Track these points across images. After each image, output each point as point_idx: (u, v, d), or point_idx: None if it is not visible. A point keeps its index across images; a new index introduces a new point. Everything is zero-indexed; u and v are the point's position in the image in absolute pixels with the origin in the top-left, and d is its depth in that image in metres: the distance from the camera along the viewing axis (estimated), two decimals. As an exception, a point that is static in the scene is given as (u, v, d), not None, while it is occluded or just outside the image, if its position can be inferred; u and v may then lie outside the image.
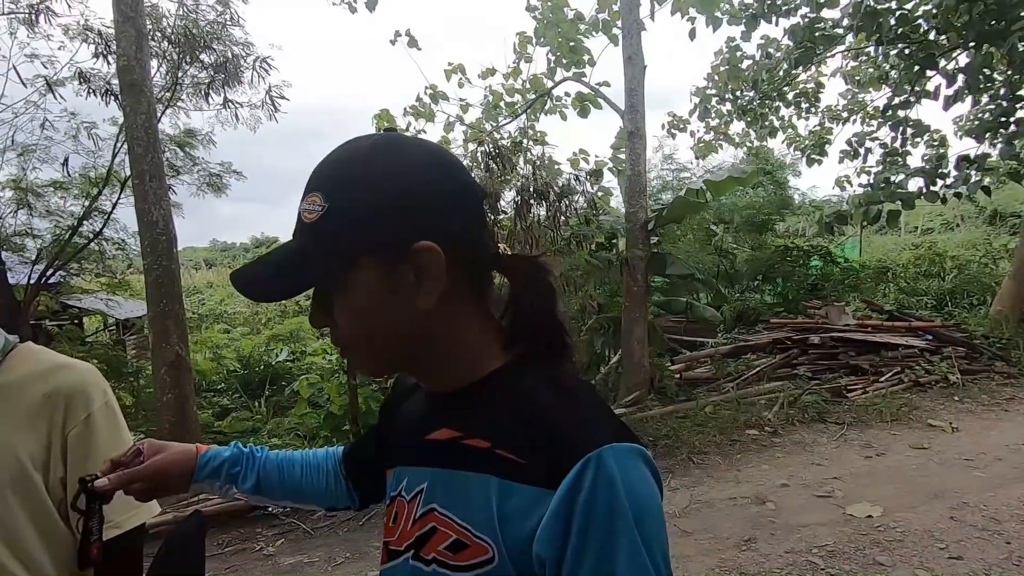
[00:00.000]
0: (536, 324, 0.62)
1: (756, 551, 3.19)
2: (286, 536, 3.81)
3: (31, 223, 6.28)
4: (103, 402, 1.02)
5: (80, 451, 0.97)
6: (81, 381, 1.00)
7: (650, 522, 0.50)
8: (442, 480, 0.60)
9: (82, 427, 0.98)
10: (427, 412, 0.66)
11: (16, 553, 0.93)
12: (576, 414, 0.55)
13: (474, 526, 0.55)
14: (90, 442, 0.98)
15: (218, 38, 5.98)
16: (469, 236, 0.60)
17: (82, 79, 6.13)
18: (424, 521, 0.60)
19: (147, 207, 4.40)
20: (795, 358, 6.53)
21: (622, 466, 0.50)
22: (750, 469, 4.35)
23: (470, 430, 0.59)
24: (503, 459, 0.55)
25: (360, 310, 0.58)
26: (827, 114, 9.85)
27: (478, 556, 0.54)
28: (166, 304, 4.43)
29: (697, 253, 8.84)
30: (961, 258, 11.22)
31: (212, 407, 6.86)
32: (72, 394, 0.98)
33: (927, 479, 3.94)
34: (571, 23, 6.85)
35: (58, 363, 1.02)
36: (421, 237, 0.56)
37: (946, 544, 3.09)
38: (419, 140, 0.62)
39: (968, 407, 5.35)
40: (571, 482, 0.50)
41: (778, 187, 11.80)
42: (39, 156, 6.19)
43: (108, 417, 1.02)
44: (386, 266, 0.57)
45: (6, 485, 0.93)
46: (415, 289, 0.57)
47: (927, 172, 7.08)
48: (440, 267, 0.56)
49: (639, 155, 5.81)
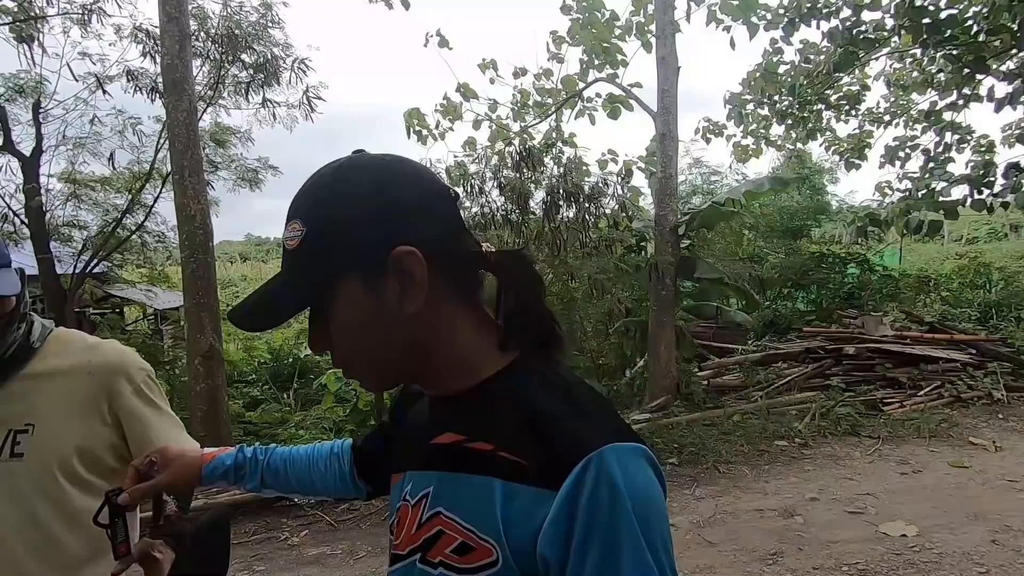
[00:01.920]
0: (526, 315, 0.62)
1: (783, 565, 3.11)
2: (310, 527, 3.88)
3: (78, 215, 6.54)
4: (144, 376, 1.10)
5: (134, 420, 1.05)
6: (119, 359, 1.08)
7: (653, 521, 0.50)
8: (448, 483, 0.61)
9: (128, 399, 1.05)
10: (432, 417, 0.67)
11: (66, 522, 1.00)
12: (577, 414, 0.55)
13: (479, 529, 0.55)
14: (142, 411, 1.06)
15: (259, 39, 6.13)
16: (446, 238, 0.61)
17: (130, 77, 6.36)
18: (430, 524, 0.60)
19: (186, 202, 4.54)
20: (828, 368, 6.34)
21: (624, 465, 0.51)
22: (778, 481, 4.24)
23: (474, 433, 0.60)
24: (506, 461, 0.55)
25: (352, 326, 0.60)
26: (867, 117, 9.54)
27: (483, 559, 0.54)
28: (202, 296, 4.57)
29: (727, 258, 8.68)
30: (1009, 269, 10.74)
31: (243, 398, 7.03)
32: (113, 370, 1.05)
33: (967, 499, 3.78)
34: (606, 24, 6.80)
35: (91, 343, 1.09)
36: (398, 244, 0.57)
37: (987, 568, 2.96)
38: (382, 155, 0.64)
39: (1013, 425, 5.12)
40: (573, 482, 0.50)
41: (815, 192, 11.49)
42: (88, 151, 6.45)
43: (151, 388, 1.10)
44: (369, 278, 0.58)
45: (55, 462, 0.99)
46: (401, 296, 0.58)
47: (973, 180, 6.80)
48: (422, 269, 0.57)
49: (671, 158, 5.74)
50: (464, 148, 7.25)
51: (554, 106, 7.28)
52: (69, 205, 6.59)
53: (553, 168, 6.18)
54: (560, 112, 7.31)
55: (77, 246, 6.63)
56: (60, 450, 1.00)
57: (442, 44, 6.80)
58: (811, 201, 11.23)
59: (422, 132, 7.44)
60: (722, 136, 9.41)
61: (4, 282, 0.95)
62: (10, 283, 0.96)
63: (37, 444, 0.98)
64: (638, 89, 6.61)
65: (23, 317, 1.02)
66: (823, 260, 9.86)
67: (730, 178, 11.23)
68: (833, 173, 13.39)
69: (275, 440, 5.69)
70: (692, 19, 6.89)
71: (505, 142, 6.61)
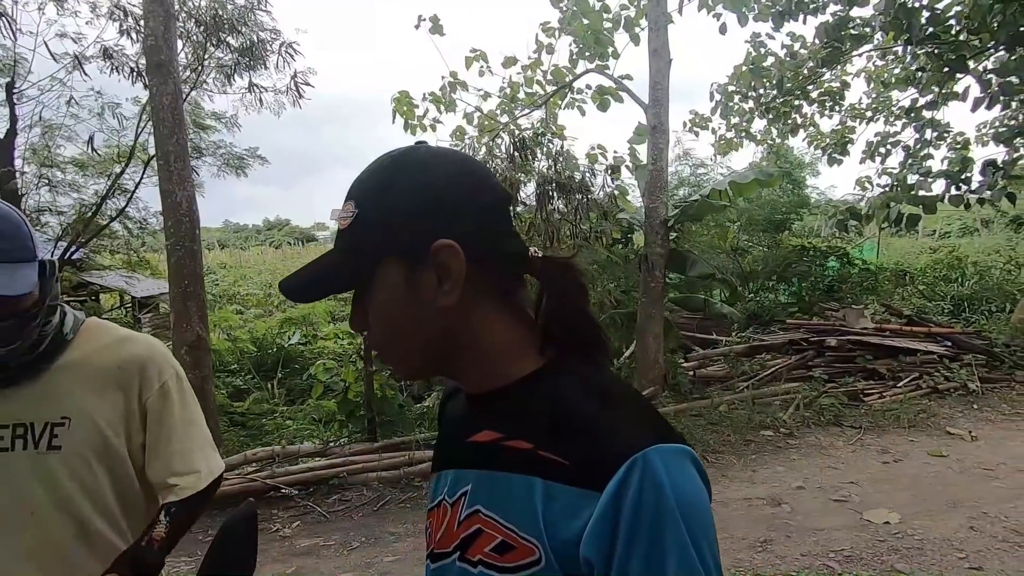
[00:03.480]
0: (569, 324, 0.62)
1: (772, 553, 3.19)
2: (302, 519, 3.85)
3: (55, 200, 6.32)
4: (173, 372, 1.09)
5: (157, 417, 1.05)
6: (150, 353, 1.07)
7: (699, 522, 0.50)
8: (486, 482, 0.60)
9: (157, 395, 1.05)
10: (469, 414, 0.67)
11: (102, 514, 1.03)
12: (620, 415, 0.55)
13: (520, 527, 0.55)
14: (164, 409, 1.06)
15: (245, 23, 5.96)
16: (490, 237, 0.62)
17: (107, 56, 6.13)
18: (469, 523, 0.60)
19: (171, 188, 4.44)
20: (811, 360, 6.48)
21: (668, 467, 0.50)
22: (765, 470, 4.33)
23: (512, 432, 0.59)
24: (546, 460, 0.55)
25: (387, 310, 0.61)
26: (850, 113, 9.70)
27: (525, 557, 0.54)
28: (188, 285, 4.47)
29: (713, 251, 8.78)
30: (982, 264, 11.05)
31: (227, 388, 6.93)
32: (145, 365, 1.05)
33: (945, 487, 3.91)
34: (597, 14, 6.77)
35: (123, 336, 1.09)
36: (441, 237, 0.58)
37: (966, 553, 3.07)
38: (446, 149, 0.65)
39: (987, 416, 5.30)
40: (618, 484, 0.50)
41: (796, 186, 11.66)
42: (64, 134, 6.22)
43: (179, 386, 1.09)
44: (409, 265, 0.59)
45: (91, 454, 1.01)
46: (437, 288, 0.59)
47: (951, 175, 6.96)
48: (460, 265, 0.58)
49: (661, 150, 5.76)
50: (452, 138, 7.19)
51: (544, 97, 7.25)
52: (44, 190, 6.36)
53: (543, 159, 6.16)
54: (550, 103, 7.28)
55: (53, 231, 6.41)
56: (95, 443, 1.01)
57: (434, 30, 6.70)
58: (793, 195, 11.39)
59: (409, 121, 7.35)
60: (707, 129, 9.51)
61: (17, 281, 0.93)
62: (24, 282, 0.94)
63: (74, 437, 0.99)
64: (628, 82, 6.62)
65: (52, 310, 1.02)
66: (804, 253, 10.04)
67: (715, 172, 11.33)
68: (814, 167, 13.59)
69: (262, 431, 5.62)
70: (683, 12, 6.87)
71: (492, 133, 6.56)
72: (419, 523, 3.71)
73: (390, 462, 4.37)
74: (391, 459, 4.40)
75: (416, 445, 4.58)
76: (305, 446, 4.76)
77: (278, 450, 4.59)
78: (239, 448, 4.98)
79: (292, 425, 5.71)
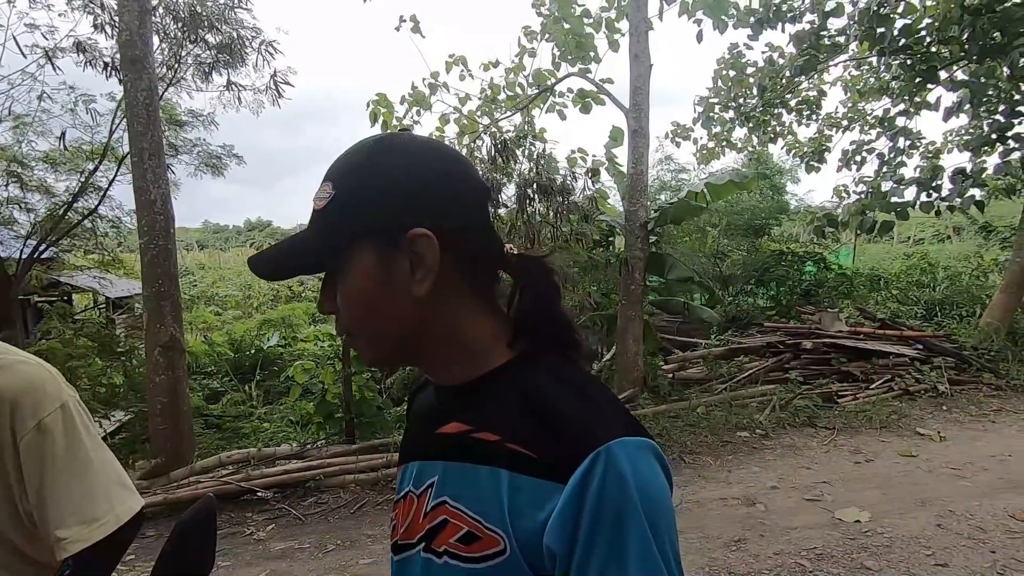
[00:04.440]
0: (542, 321, 0.62)
1: (746, 552, 3.22)
2: (276, 521, 3.80)
3: (25, 197, 6.17)
4: (58, 405, 0.92)
5: (36, 461, 0.88)
6: (26, 385, 0.90)
7: (660, 515, 0.51)
8: (453, 473, 0.61)
9: (33, 435, 0.88)
10: (437, 406, 0.67)
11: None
12: (586, 408, 0.55)
13: (485, 518, 0.55)
14: (44, 450, 0.89)
15: (225, 20, 5.89)
16: (469, 230, 0.61)
17: (80, 50, 6.02)
18: (435, 514, 0.60)
19: (145, 186, 4.35)
20: (787, 362, 6.58)
21: (632, 460, 0.51)
22: (741, 471, 4.38)
23: (480, 424, 0.60)
24: (513, 452, 0.55)
25: (357, 295, 0.60)
26: (826, 122, 9.91)
27: (490, 548, 0.55)
28: (162, 284, 4.39)
29: (693, 254, 8.88)
30: (952, 269, 11.34)
31: (203, 390, 6.82)
32: (17, 399, 0.88)
33: (915, 486, 3.99)
34: (578, 18, 6.82)
35: (5, 363, 0.92)
36: (417, 225, 0.57)
37: (933, 551, 3.14)
38: (429, 138, 0.65)
39: (956, 417, 5.43)
40: (581, 476, 0.50)
41: (776, 192, 11.86)
42: (35, 129, 6.09)
43: (67, 422, 0.92)
44: (382, 250, 0.59)
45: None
46: (409, 276, 0.58)
47: (922, 183, 7.15)
48: (434, 255, 0.58)
49: (642, 154, 5.81)
50: (431, 138, 7.16)
51: (525, 100, 7.28)
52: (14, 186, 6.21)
53: (524, 162, 6.18)
54: (530, 106, 7.31)
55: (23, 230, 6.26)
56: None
57: (415, 30, 6.69)
58: (772, 201, 11.58)
59: (388, 122, 7.33)
60: (689, 139, 9.65)
61: None
62: None
63: None
64: (609, 85, 6.67)
65: None
66: (782, 258, 10.21)
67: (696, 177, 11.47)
68: (794, 173, 13.84)
69: (238, 433, 5.54)
70: (663, 17, 6.96)
71: (473, 136, 6.57)
72: (396, 525, 3.68)
73: (368, 464, 4.33)
74: (369, 461, 4.36)
75: (395, 447, 4.55)
76: (282, 448, 4.70)
77: (253, 452, 4.53)
78: (214, 451, 4.90)
79: (269, 427, 5.65)
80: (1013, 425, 5.17)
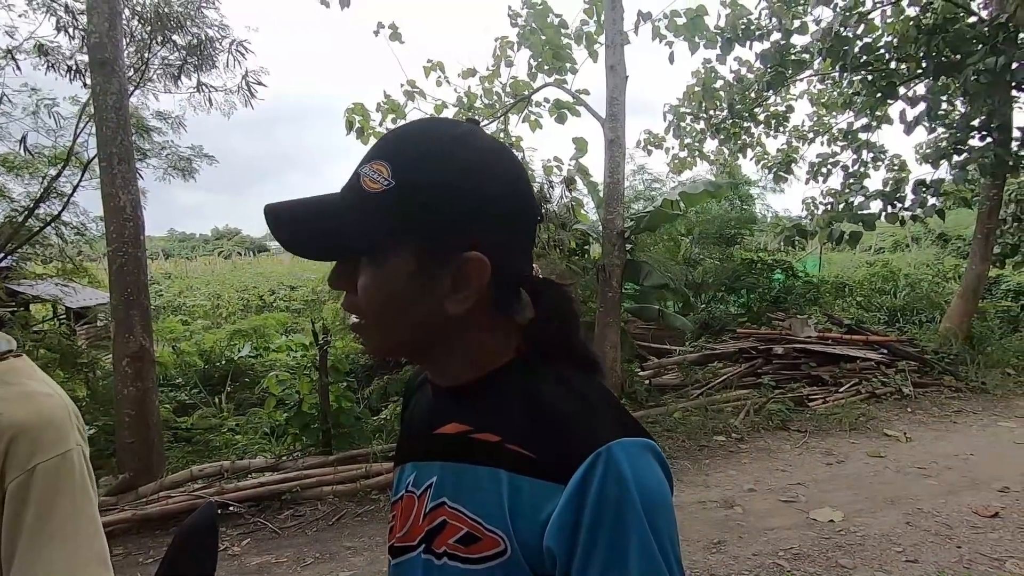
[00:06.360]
0: (554, 338, 0.62)
1: (725, 553, 3.27)
2: (252, 535, 3.70)
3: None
4: (61, 454, 0.80)
5: (15, 510, 0.76)
6: (35, 421, 0.79)
7: (661, 515, 0.51)
8: (452, 474, 0.60)
9: (23, 480, 0.77)
10: (436, 406, 0.66)
11: None
12: (586, 409, 0.55)
13: (486, 519, 0.55)
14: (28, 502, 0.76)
15: (192, 19, 5.78)
16: (516, 254, 0.60)
17: (42, 53, 5.83)
18: (434, 515, 0.60)
19: (114, 191, 4.23)
20: (760, 367, 6.72)
21: (632, 460, 0.51)
22: (718, 474, 4.45)
23: (479, 424, 0.59)
24: (513, 453, 0.55)
25: (386, 291, 0.57)
26: (794, 134, 10.25)
27: (491, 549, 0.54)
28: (131, 293, 4.26)
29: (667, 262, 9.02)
30: (913, 276, 11.78)
31: (171, 402, 6.61)
32: (17, 435, 0.77)
33: (884, 486, 4.12)
34: (555, 29, 6.92)
35: (27, 392, 0.82)
36: (473, 246, 0.55)
37: (903, 548, 3.24)
38: (500, 144, 0.61)
39: (920, 418, 5.62)
40: (581, 476, 0.50)
41: (747, 201, 12.16)
42: (-10, 133, 5.85)
43: (61, 476, 0.79)
44: (428, 260, 0.56)
45: None
46: (449, 292, 0.56)
47: (886, 195, 7.44)
48: (483, 280, 0.56)
49: (618, 163, 5.90)
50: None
51: (502, 109, 7.33)
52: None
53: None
54: (507, 115, 7.36)
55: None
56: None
57: (393, 37, 6.69)
58: (742, 212, 11.87)
59: (364, 130, 7.29)
60: (661, 148, 9.86)
61: None
62: None
63: None
64: (586, 96, 6.78)
65: None
66: (753, 266, 10.46)
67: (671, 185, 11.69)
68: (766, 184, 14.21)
69: (209, 447, 5.38)
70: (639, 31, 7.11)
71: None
72: (376, 536, 3.62)
73: (346, 475, 4.25)
74: (347, 472, 4.29)
75: (373, 457, 4.49)
76: (256, 460, 4.58)
77: (227, 465, 4.40)
78: (184, 465, 4.75)
79: (242, 440, 5.50)
80: (973, 425, 5.39)
